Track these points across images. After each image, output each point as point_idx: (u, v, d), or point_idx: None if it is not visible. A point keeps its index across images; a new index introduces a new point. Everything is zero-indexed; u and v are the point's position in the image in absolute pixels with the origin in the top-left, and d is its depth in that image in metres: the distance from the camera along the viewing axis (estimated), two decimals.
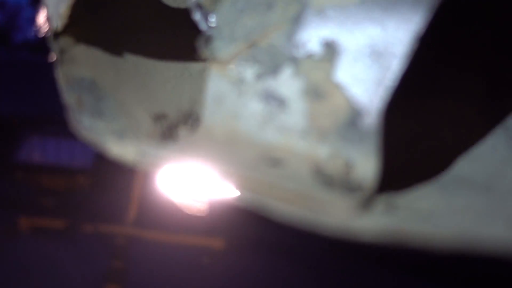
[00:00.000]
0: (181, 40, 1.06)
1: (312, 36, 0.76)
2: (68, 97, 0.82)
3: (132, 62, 1.02)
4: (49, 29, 0.87)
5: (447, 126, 0.80)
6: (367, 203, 0.62)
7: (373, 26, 0.70)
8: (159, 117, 0.84)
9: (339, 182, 0.67)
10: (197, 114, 0.87)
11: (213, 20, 0.90)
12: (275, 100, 0.78)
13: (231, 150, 0.77)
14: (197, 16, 0.89)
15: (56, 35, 0.86)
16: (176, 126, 0.83)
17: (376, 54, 0.69)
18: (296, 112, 0.76)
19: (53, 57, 0.84)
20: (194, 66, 1.11)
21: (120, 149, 0.75)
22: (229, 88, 0.83)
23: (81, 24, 0.89)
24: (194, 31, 0.91)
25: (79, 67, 0.89)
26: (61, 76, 0.83)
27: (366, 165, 0.69)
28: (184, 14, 0.93)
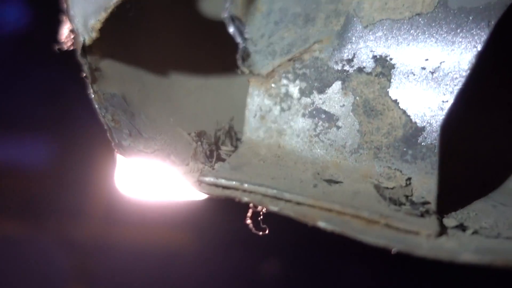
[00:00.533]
0: (218, 54, 1.03)
1: (362, 51, 0.75)
2: (105, 115, 0.77)
3: (155, 75, 0.98)
4: (74, 42, 0.82)
5: (499, 140, 0.81)
6: (443, 224, 0.61)
7: (428, 42, 0.69)
8: (198, 133, 0.80)
9: (404, 201, 0.66)
10: (235, 131, 0.84)
11: (247, 31, 0.87)
12: (323, 116, 0.76)
13: (280, 169, 0.75)
14: (231, 29, 0.86)
15: (85, 49, 0.81)
16: (215, 144, 0.80)
17: (432, 72, 0.69)
18: (347, 128, 0.75)
19: (83, 74, 0.79)
20: (217, 77, 1.07)
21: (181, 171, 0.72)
22: (271, 103, 0.81)
23: (107, 38, 0.84)
24: (229, 44, 0.88)
25: (109, 83, 0.84)
26: (95, 94, 0.78)
27: (426, 183, 0.68)
28: (218, 28, 0.89)
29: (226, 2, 0.86)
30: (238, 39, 0.86)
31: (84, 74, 0.79)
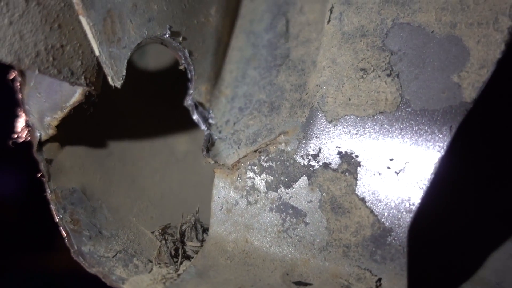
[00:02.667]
0: (184, 129, 1.01)
1: (327, 146, 0.74)
2: (63, 217, 0.74)
3: (118, 156, 0.95)
4: (30, 137, 0.78)
5: (470, 235, 0.81)
6: None
7: (392, 142, 0.69)
8: (163, 230, 0.77)
9: None
10: (202, 223, 0.82)
11: (212, 116, 0.86)
12: (290, 212, 0.75)
13: (248, 271, 0.73)
14: (195, 116, 0.84)
15: (41, 145, 0.77)
16: (182, 241, 0.77)
17: (397, 172, 0.69)
18: (315, 225, 0.73)
19: (40, 172, 0.76)
20: (183, 151, 1.05)
21: (133, 281, 0.68)
22: (237, 196, 0.79)
23: (67, 129, 0.81)
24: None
25: (68, 176, 0.80)
26: (52, 193, 0.74)
27: (396, 284, 0.67)
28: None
29: (190, 89, 0.84)
30: (202, 126, 0.84)
31: (41, 173, 0.75)
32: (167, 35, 0.76)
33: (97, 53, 0.67)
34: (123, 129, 0.95)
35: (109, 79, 0.68)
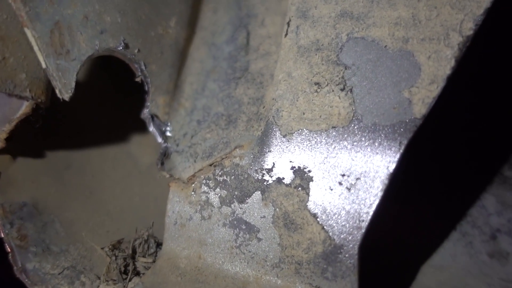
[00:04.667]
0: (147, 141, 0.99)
1: (281, 160, 0.73)
2: (9, 233, 0.72)
3: (77, 167, 0.93)
4: None
5: (413, 236, 0.80)
6: None
7: (344, 157, 0.68)
8: (114, 246, 0.75)
9: None
10: (156, 238, 0.80)
11: (169, 129, 0.85)
12: (244, 227, 0.73)
13: (199, 287, 0.71)
14: (151, 128, 0.83)
15: None
16: (133, 257, 0.75)
17: (348, 188, 0.68)
18: (268, 241, 0.72)
19: None
20: (147, 161, 1.03)
21: None
22: (192, 211, 0.78)
23: (19, 140, 0.79)
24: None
25: (19, 190, 0.79)
26: None
27: None
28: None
29: (146, 101, 0.83)
30: (159, 139, 0.83)
31: None
32: (121, 47, 0.75)
33: (43, 66, 0.66)
34: (84, 140, 0.93)
35: (57, 91, 0.67)
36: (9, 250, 0.68)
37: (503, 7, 0.70)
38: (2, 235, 0.70)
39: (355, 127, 0.68)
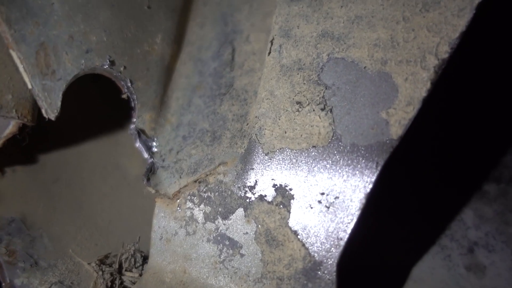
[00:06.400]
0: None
1: (263, 178, 0.75)
2: None
3: (65, 181, 0.94)
4: None
5: (394, 252, 0.82)
6: None
7: (323, 176, 0.70)
8: (101, 261, 0.77)
9: None
10: (142, 253, 0.82)
11: (156, 144, 0.86)
12: (227, 243, 0.75)
13: None
14: (137, 144, 0.85)
15: None
16: (119, 271, 0.77)
17: (327, 206, 0.70)
18: (250, 257, 0.74)
19: None
20: (136, 173, 1.05)
21: None
22: (177, 226, 0.79)
23: (6, 157, 0.80)
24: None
25: (8, 205, 0.80)
26: None
27: None
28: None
29: (133, 117, 0.85)
30: (145, 155, 0.84)
31: None
32: (106, 66, 0.76)
33: (29, 86, 0.67)
34: (73, 153, 0.95)
35: (43, 111, 0.69)
36: None
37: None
38: None
39: (334, 147, 0.70)
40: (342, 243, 0.67)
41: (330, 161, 0.69)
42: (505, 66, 0.94)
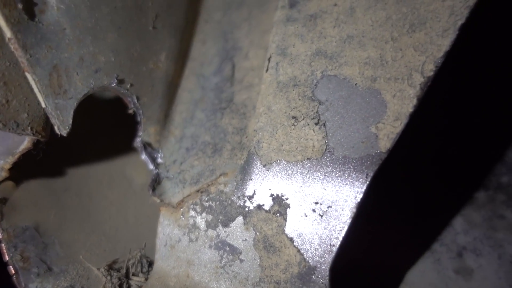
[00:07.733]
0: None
1: (261, 188, 0.80)
2: (13, 255, 0.78)
3: (75, 190, 1.00)
4: None
5: (387, 256, 0.87)
6: None
7: (317, 186, 0.75)
8: (109, 266, 0.82)
9: None
10: (148, 258, 0.87)
11: (161, 155, 0.91)
12: (227, 249, 0.80)
13: None
14: (143, 156, 0.90)
15: None
16: (127, 276, 0.82)
17: (321, 215, 0.74)
18: (249, 262, 0.79)
19: None
20: (141, 181, 1.10)
21: None
22: (180, 233, 0.84)
23: (21, 169, 0.86)
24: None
25: (22, 214, 0.85)
26: (4, 232, 0.79)
27: None
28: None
29: (139, 131, 0.90)
30: (150, 166, 0.89)
31: None
32: (114, 84, 0.82)
33: (43, 105, 0.73)
34: (81, 163, 1.00)
35: (55, 128, 0.74)
36: (13, 272, 0.75)
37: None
38: (7, 258, 0.77)
39: (327, 159, 0.75)
40: (335, 249, 0.72)
41: (323, 173, 0.74)
42: (494, 76, 0.98)
